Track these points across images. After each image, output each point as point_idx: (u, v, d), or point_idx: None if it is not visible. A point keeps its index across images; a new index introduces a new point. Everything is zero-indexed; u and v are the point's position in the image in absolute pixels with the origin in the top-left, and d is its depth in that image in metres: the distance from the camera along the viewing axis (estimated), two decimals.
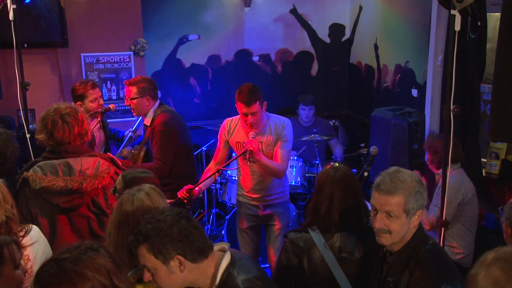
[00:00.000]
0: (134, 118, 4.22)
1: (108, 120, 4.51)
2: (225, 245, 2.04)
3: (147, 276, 1.90)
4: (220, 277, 1.92)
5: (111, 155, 3.09)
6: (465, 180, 3.63)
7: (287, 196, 3.88)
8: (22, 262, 1.93)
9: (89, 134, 2.96)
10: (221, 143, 3.79)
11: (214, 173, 3.63)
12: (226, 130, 3.75)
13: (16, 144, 2.99)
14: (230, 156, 3.98)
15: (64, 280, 1.40)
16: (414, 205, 2.07)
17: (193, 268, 1.90)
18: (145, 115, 3.91)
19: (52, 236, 2.76)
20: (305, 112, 5.52)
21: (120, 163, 3.03)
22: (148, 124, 3.88)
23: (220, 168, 3.68)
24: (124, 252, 2.06)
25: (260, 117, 3.55)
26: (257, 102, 3.48)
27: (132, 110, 3.91)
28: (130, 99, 3.84)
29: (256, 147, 3.44)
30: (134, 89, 3.82)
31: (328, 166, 2.61)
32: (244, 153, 3.45)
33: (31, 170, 2.77)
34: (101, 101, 4.08)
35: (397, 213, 2.06)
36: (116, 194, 2.81)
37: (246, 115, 3.50)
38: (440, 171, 3.54)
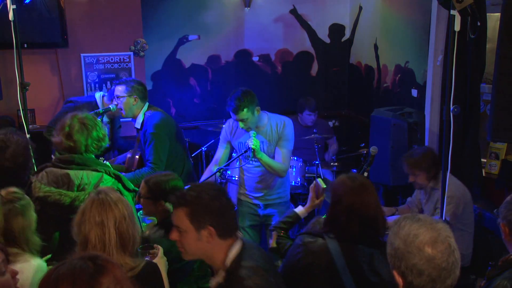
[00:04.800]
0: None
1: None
2: (239, 233, 2.16)
3: (174, 235, 2.05)
4: (229, 262, 2.04)
5: (117, 172, 3.01)
6: (461, 186, 3.59)
7: (288, 196, 3.89)
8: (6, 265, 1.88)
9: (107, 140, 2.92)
10: (223, 143, 3.79)
11: (215, 173, 3.63)
12: (229, 130, 3.76)
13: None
14: (230, 157, 3.98)
15: None
16: (390, 258, 1.72)
17: (217, 244, 2.03)
18: (134, 117, 3.88)
19: (49, 246, 2.75)
20: (311, 118, 5.48)
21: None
22: (139, 127, 3.86)
23: (222, 167, 3.69)
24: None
25: (252, 121, 3.54)
26: (244, 110, 3.45)
27: (120, 111, 3.87)
28: (118, 97, 3.81)
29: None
30: (122, 88, 3.81)
31: (343, 176, 2.48)
32: (246, 151, 3.47)
33: (40, 175, 2.77)
34: None
35: None
36: (141, 199, 2.82)
37: (238, 121, 3.53)
38: (432, 183, 3.58)
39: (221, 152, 3.80)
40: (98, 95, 4.45)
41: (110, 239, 2.06)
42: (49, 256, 2.58)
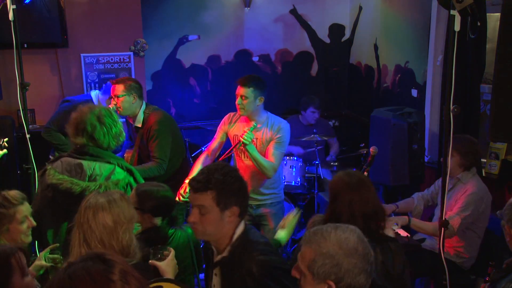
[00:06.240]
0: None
1: None
2: None
3: (195, 216, 2.07)
4: (235, 239, 2.11)
5: (129, 165, 3.01)
6: (486, 188, 3.55)
7: (280, 197, 3.86)
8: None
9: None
10: (219, 134, 3.82)
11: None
12: (228, 121, 3.80)
13: None
14: (224, 150, 3.97)
15: None
16: (320, 270, 1.69)
17: (233, 223, 2.09)
18: (131, 115, 3.89)
19: (56, 236, 2.77)
20: (314, 115, 5.49)
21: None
22: (140, 126, 3.87)
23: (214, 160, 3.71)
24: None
25: (249, 106, 3.56)
26: (250, 88, 3.53)
27: (117, 110, 3.86)
28: (117, 97, 3.81)
29: (254, 142, 3.52)
30: (121, 87, 3.81)
31: (341, 173, 2.52)
32: (237, 144, 3.50)
33: (55, 164, 2.81)
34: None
35: (302, 267, 1.74)
36: None
37: (237, 96, 3.57)
38: (460, 175, 3.51)
39: (215, 143, 3.82)
40: (94, 93, 4.46)
41: (89, 243, 2.07)
42: (56, 244, 2.61)
